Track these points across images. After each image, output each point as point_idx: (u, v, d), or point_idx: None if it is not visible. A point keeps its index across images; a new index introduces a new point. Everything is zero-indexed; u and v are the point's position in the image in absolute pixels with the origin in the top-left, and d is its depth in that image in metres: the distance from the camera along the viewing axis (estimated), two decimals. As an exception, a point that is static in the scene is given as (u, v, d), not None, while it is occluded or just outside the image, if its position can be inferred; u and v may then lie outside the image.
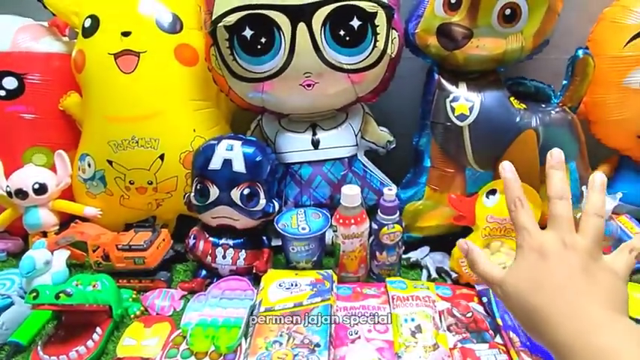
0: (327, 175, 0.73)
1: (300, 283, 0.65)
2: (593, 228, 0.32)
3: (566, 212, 0.33)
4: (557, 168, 0.35)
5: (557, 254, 0.31)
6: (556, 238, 0.32)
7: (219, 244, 0.70)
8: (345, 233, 0.66)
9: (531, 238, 0.33)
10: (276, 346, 0.55)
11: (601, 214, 0.33)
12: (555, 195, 0.34)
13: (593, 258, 0.31)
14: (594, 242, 0.32)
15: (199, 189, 0.67)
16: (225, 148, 0.66)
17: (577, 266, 0.31)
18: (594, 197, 0.34)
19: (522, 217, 0.35)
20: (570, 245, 0.31)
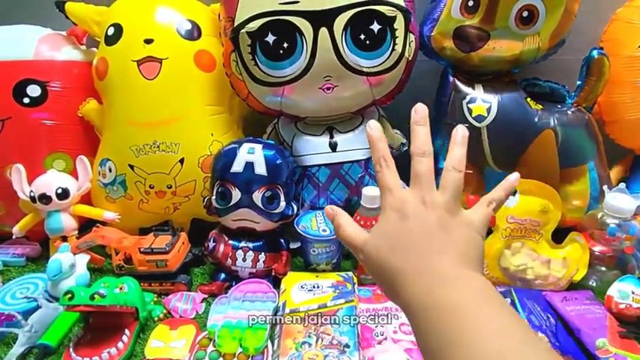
0: (344, 178, 0.75)
1: (322, 285, 0.67)
2: (451, 183, 0.33)
3: (427, 169, 0.33)
4: (421, 124, 0.35)
5: (416, 213, 0.31)
6: (416, 197, 0.32)
7: (239, 246, 0.72)
8: (366, 234, 0.68)
9: (393, 198, 0.33)
10: (306, 347, 0.56)
11: (460, 169, 0.33)
12: (417, 151, 0.34)
13: (452, 213, 0.32)
14: (453, 197, 0.32)
15: (221, 192, 0.69)
16: (247, 151, 0.68)
17: (434, 223, 0.31)
18: (455, 151, 0.34)
19: (386, 177, 0.34)
20: (429, 203, 0.32)
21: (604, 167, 0.76)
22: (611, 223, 0.69)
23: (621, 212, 0.68)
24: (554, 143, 0.71)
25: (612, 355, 0.57)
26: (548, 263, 0.72)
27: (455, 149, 0.35)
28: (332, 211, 0.37)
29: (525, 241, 0.72)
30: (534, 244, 0.72)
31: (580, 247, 0.71)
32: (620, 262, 0.72)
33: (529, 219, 0.70)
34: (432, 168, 0.33)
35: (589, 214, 0.74)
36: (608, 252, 0.71)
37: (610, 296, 0.67)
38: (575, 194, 0.74)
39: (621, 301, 0.65)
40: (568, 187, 0.73)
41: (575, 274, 0.71)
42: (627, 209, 0.68)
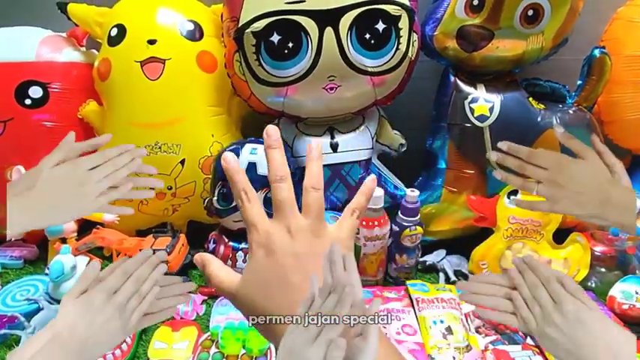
0: (345, 178, 0.75)
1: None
2: (313, 203, 0.31)
3: (288, 195, 0.31)
4: (274, 147, 0.32)
5: (283, 246, 0.30)
6: (280, 227, 0.30)
7: (240, 248, 0.72)
8: (368, 235, 0.68)
9: (258, 233, 0.31)
10: (306, 347, 0.57)
11: (318, 187, 0.31)
12: (275, 178, 0.31)
13: (318, 235, 0.31)
14: (317, 218, 0.31)
15: (223, 193, 0.69)
16: (249, 151, 0.69)
17: (302, 252, 0.30)
18: (312, 168, 0.32)
19: (249, 211, 0.31)
20: (294, 230, 0.30)
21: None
22: (613, 223, 0.70)
23: (623, 212, 0.69)
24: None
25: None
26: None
27: (311, 166, 0.32)
28: (200, 260, 0.34)
29: (526, 242, 0.72)
30: (535, 244, 0.72)
31: (581, 248, 0.72)
32: (621, 262, 0.73)
33: (530, 219, 0.71)
34: (292, 192, 0.31)
35: (591, 214, 0.74)
36: (610, 252, 0.72)
37: (612, 297, 0.67)
38: (576, 194, 0.74)
39: (625, 302, 0.66)
40: (570, 187, 0.74)
41: (576, 274, 0.71)
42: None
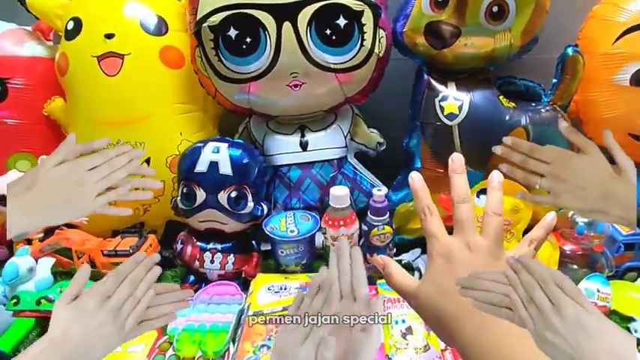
0: (316, 178, 0.75)
1: (290, 287, 0.67)
2: (493, 227, 0.35)
3: (469, 215, 0.35)
4: (458, 172, 0.37)
5: (462, 257, 0.34)
6: (460, 242, 0.35)
7: (208, 248, 0.71)
8: (335, 235, 0.68)
9: (439, 244, 0.35)
10: (264, 350, 0.56)
11: (499, 212, 0.35)
12: (458, 199, 0.36)
13: (495, 256, 0.34)
14: (495, 241, 0.34)
15: (185, 192, 0.69)
16: (212, 150, 0.68)
17: (480, 266, 0.33)
18: (492, 196, 0.37)
19: (431, 224, 0.36)
20: (474, 247, 0.34)
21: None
22: (580, 222, 0.70)
23: (591, 211, 0.69)
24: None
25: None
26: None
27: (492, 194, 0.37)
28: (382, 261, 0.39)
29: (497, 241, 0.72)
30: (505, 243, 0.72)
31: (550, 246, 0.72)
32: (591, 260, 0.73)
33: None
34: (473, 213, 0.35)
35: (560, 212, 0.74)
36: (578, 250, 0.72)
37: (578, 296, 0.67)
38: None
39: (589, 301, 0.66)
40: (540, 186, 0.74)
41: (546, 274, 0.72)
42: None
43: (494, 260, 0.34)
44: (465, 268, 0.33)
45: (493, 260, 0.34)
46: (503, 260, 0.34)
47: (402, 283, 0.37)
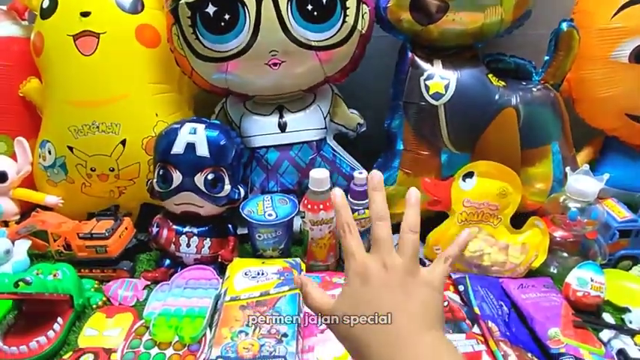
0: (294, 160, 0.73)
1: (267, 272, 0.66)
2: (409, 245, 0.35)
3: (386, 234, 0.36)
4: (377, 189, 0.37)
5: (378, 277, 0.34)
6: (377, 261, 0.35)
7: (183, 232, 0.71)
8: (314, 219, 0.67)
9: (356, 262, 0.35)
10: (242, 336, 0.56)
11: (415, 230, 0.36)
12: (376, 216, 0.36)
13: (412, 274, 0.34)
14: (411, 258, 0.35)
15: (162, 174, 0.68)
16: (188, 131, 0.67)
17: (395, 285, 0.34)
18: (409, 213, 0.37)
19: (349, 242, 0.36)
20: (390, 266, 0.34)
21: (569, 148, 0.74)
22: (572, 207, 0.68)
23: (584, 195, 0.67)
24: (515, 122, 0.69)
25: (563, 346, 0.56)
26: (506, 249, 0.71)
27: (409, 211, 0.37)
28: (299, 280, 0.39)
29: (483, 226, 0.71)
30: (492, 229, 0.71)
31: (540, 233, 0.70)
32: (583, 247, 0.72)
33: (486, 203, 0.69)
34: (390, 232, 0.36)
35: (551, 197, 0.73)
36: (569, 237, 0.70)
37: (568, 284, 0.66)
38: (537, 177, 0.72)
39: (579, 289, 0.64)
40: (530, 169, 0.72)
41: (534, 260, 0.70)
42: (590, 192, 0.67)
43: (410, 278, 0.34)
44: (381, 287, 0.34)
45: (409, 278, 0.34)
46: (418, 278, 0.35)
47: (318, 303, 0.37)
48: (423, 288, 0.35)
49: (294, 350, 0.53)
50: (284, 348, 0.54)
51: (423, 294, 0.34)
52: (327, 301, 0.37)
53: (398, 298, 0.33)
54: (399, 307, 0.33)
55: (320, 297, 0.38)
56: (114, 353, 0.56)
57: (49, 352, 0.57)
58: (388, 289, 0.34)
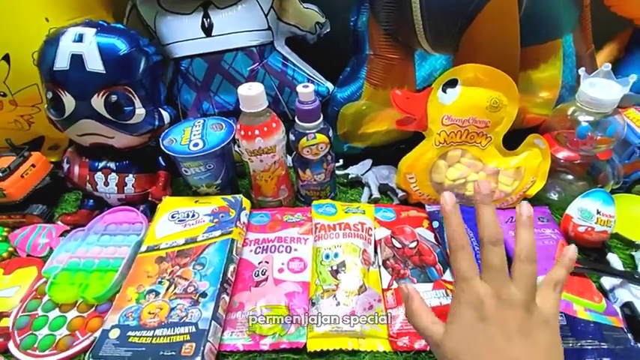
0: (228, 73, 0.58)
1: (198, 213, 0.55)
2: (527, 277, 0.31)
3: (501, 260, 0.31)
4: (486, 203, 0.32)
5: (495, 315, 0.31)
6: (492, 294, 0.31)
7: (98, 167, 0.59)
8: (250, 148, 0.53)
9: (469, 290, 0.32)
10: (151, 296, 0.46)
11: (533, 259, 0.31)
12: (488, 240, 0.31)
13: (529, 311, 0.31)
14: (529, 293, 0.31)
15: (51, 98, 0.53)
16: (72, 39, 0.51)
17: (514, 329, 0.30)
18: (524, 237, 0.32)
19: (461, 263, 0.32)
20: (507, 301, 0.31)
21: (586, 43, 0.56)
22: (583, 122, 0.53)
23: (599, 105, 0.52)
24: (515, 11, 0.51)
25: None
26: (496, 175, 0.58)
27: (523, 235, 0.32)
28: (406, 292, 0.36)
29: (467, 148, 0.57)
30: (479, 151, 0.57)
31: (540, 154, 0.57)
32: (593, 170, 0.58)
33: (473, 119, 0.54)
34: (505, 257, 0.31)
35: (557, 109, 0.57)
36: (576, 159, 0.56)
37: (568, 216, 0.54)
38: (541, 83, 0.56)
39: (581, 223, 0.53)
40: (532, 72, 0.55)
41: (529, 187, 0.57)
42: (608, 101, 0.51)
43: (527, 317, 0.31)
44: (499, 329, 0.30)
45: (527, 317, 0.31)
46: (536, 316, 0.31)
47: (427, 328, 0.34)
48: (543, 330, 0.31)
49: (209, 315, 0.43)
50: (198, 312, 0.44)
51: (544, 337, 0.31)
52: (436, 329, 0.33)
53: (520, 343, 0.30)
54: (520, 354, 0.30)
55: (429, 322, 0.34)
56: (5, 318, 0.48)
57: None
58: (507, 332, 0.30)
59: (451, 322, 0.33)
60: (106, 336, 0.43)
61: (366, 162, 0.65)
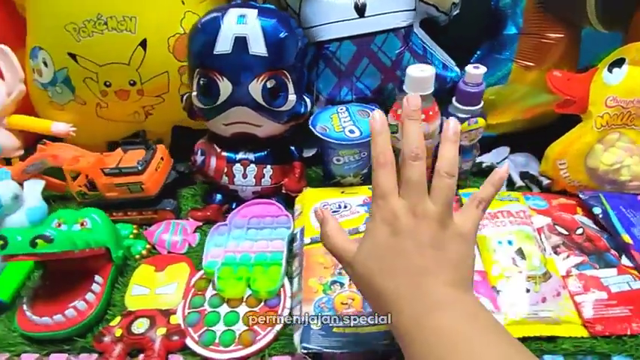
0: (377, 56, 0.56)
1: (351, 204, 0.53)
2: (444, 190, 0.31)
3: (420, 175, 0.31)
4: (413, 117, 0.32)
5: (408, 229, 0.31)
6: (407, 208, 0.31)
7: (237, 159, 0.56)
8: (411, 134, 0.51)
9: (386, 207, 0.32)
10: (336, 287, 0.44)
11: (452, 173, 0.31)
12: (408, 155, 0.31)
13: (444, 225, 0.31)
14: (445, 206, 0.31)
15: (204, 85, 0.51)
16: (236, 20, 0.49)
17: (427, 241, 0.31)
18: (446, 151, 0.32)
19: (382, 179, 0.32)
20: (421, 214, 0.31)
21: None
22: None
23: None
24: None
25: None
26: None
27: (446, 148, 0.32)
28: (321, 214, 0.36)
29: (624, 131, 0.55)
30: (636, 134, 0.55)
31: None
32: None
33: (638, 100, 0.53)
34: (424, 173, 0.31)
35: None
36: None
37: None
38: None
39: None
40: None
41: (688, 172, 0.56)
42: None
43: (443, 230, 0.31)
44: (411, 242, 0.31)
45: (442, 230, 0.31)
46: (450, 230, 0.31)
47: (340, 247, 0.34)
48: (456, 242, 0.31)
49: None
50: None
51: (457, 250, 0.31)
52: (349, 247, 0.33)
53: (431, 254, 0.30)
54: (433, 265, 0.30)
55: (342, 242, 0.34)
56: (173, 315, 0.45)
57: (91, 319, 0.45)
58: (418, 246, 0.30)
59: (364, 239, 0.32)
60: (309, 327, 0.40)
61: (501, 149, 0.63)
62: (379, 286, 0.31)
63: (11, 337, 0.46)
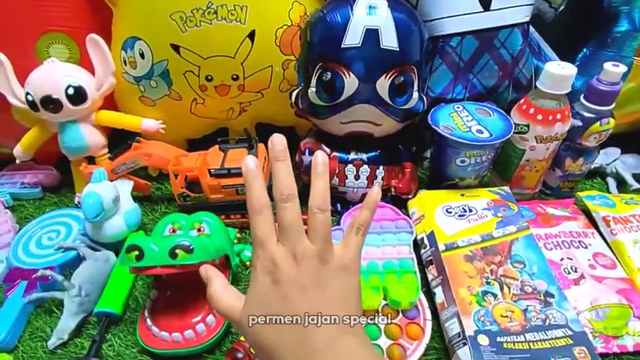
0: (498, 52, 0.54)
1: (476, 208, 0.51)
2: (320, 227, 0.30)
3: (294, 216, 0.30)
4: (280, 158, 0.31)
5: (289, 276, 0.30)
6: (286, 253, 0.30)
7: (349, 160, 0.54)
8: (545, 135, 0.50)
9: (264, 256, 0.30)
10: (490, 299, 0.42)
11: (325, 208, 0.30)
12: (280, 196, 0.30)
13: (325, 261, 0.30)
14: (324, 243, 0.30)
15: (327, 80, 0.48)
16: (367, 11, 0.46)
17: (309, 283, 0.30)
18: (316, 186, 0.31)
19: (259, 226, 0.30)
20: (300, 256, 0.30)
21: None
22: None
23: None
24: None
25: None
26: None
27: (317, 183, 0.31)
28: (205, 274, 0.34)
29: None
30: None
31: None
32: None
33: None
34: (299, 213, 0.30)
35: None
36: None
37: None
38: None
39: None
40: None
41: None
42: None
43: (324, 267, 0.30)
44: (293, 288, 0.29)
45: (323, 267, 0.30)
46: (332, 264, 0.30)
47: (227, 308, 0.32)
48: (339, 277, 0.31)
49: (573, 316, 0.40)
50: (556, 312, 0.41)
51: (338, 285, 0.31)
52: (236, 305, 0.31)
53: (314, 295, 0.29)
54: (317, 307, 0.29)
55: (228, 300, 0.32)
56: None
57: (220, 334, 0.43)
58: (300, 288, 0.29)
59: (248, 294, 0.31)
60: (477, 343, 0.38)
61: (610, 150, 0.62)
62: (265, 340, 0.30)
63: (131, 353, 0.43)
